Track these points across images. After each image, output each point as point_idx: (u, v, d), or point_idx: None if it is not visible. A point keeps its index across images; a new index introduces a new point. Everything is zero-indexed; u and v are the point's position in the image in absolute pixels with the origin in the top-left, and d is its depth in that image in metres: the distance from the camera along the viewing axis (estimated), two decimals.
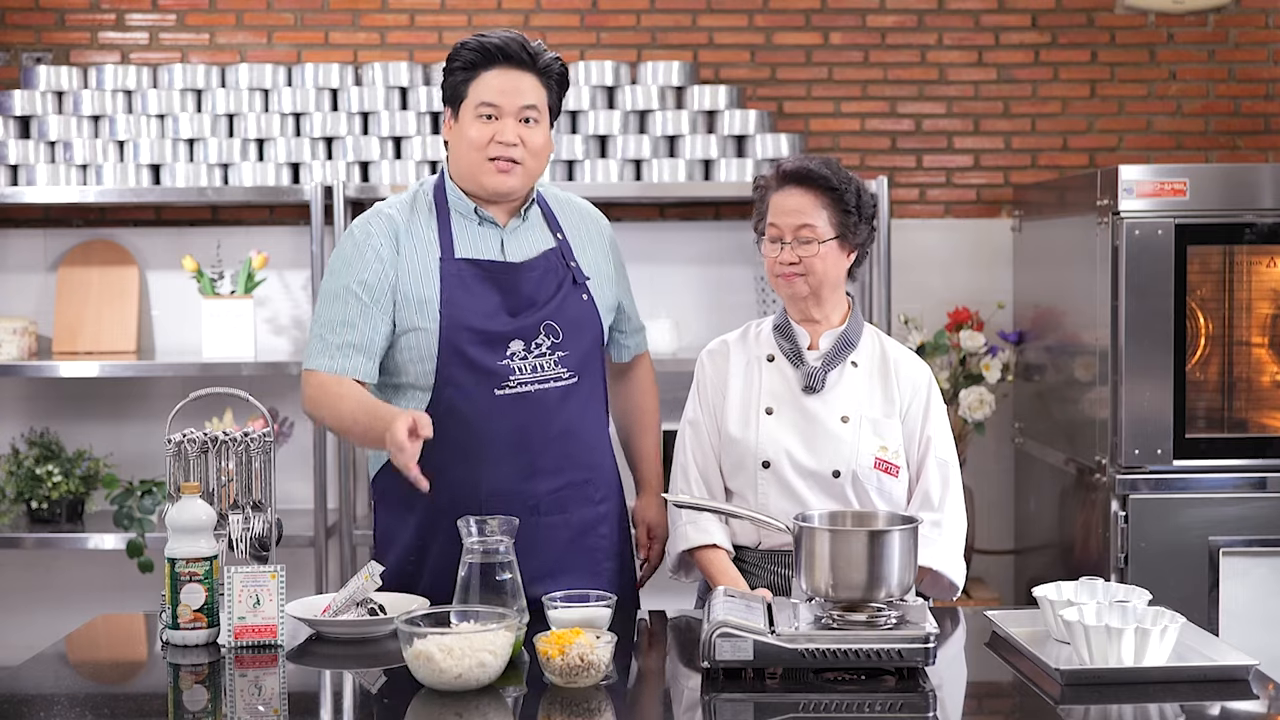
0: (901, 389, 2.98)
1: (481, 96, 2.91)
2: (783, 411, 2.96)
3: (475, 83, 2.92)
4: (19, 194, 4.53)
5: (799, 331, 3.00)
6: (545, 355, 2.94)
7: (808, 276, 2.92)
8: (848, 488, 2.91)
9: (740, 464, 2.97)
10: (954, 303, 4.83)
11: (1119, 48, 4.95)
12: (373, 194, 4.48)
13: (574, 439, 2.98)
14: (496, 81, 2.91)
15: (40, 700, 2.48)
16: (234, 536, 2.87)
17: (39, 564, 4.87)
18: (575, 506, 2.99)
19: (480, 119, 2.91)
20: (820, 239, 2.91)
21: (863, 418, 2.94)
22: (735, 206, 4.85)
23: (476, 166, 2.93)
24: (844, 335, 2.98)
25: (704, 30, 4.91)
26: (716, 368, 3.05)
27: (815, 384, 2.95)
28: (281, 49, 4.88)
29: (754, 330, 3.08)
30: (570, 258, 3.02)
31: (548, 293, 2.97)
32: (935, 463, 2.97)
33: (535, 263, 2.98)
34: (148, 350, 4.84)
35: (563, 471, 2.97)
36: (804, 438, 2.93)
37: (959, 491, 3.00)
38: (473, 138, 2.92)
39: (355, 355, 2.91)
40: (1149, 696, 2.38)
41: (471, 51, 2.92)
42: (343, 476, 4.53)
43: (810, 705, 2.36)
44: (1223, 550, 3.96)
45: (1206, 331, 4.10)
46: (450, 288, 2.91)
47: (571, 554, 2.99)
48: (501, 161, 2.92)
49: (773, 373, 2.99)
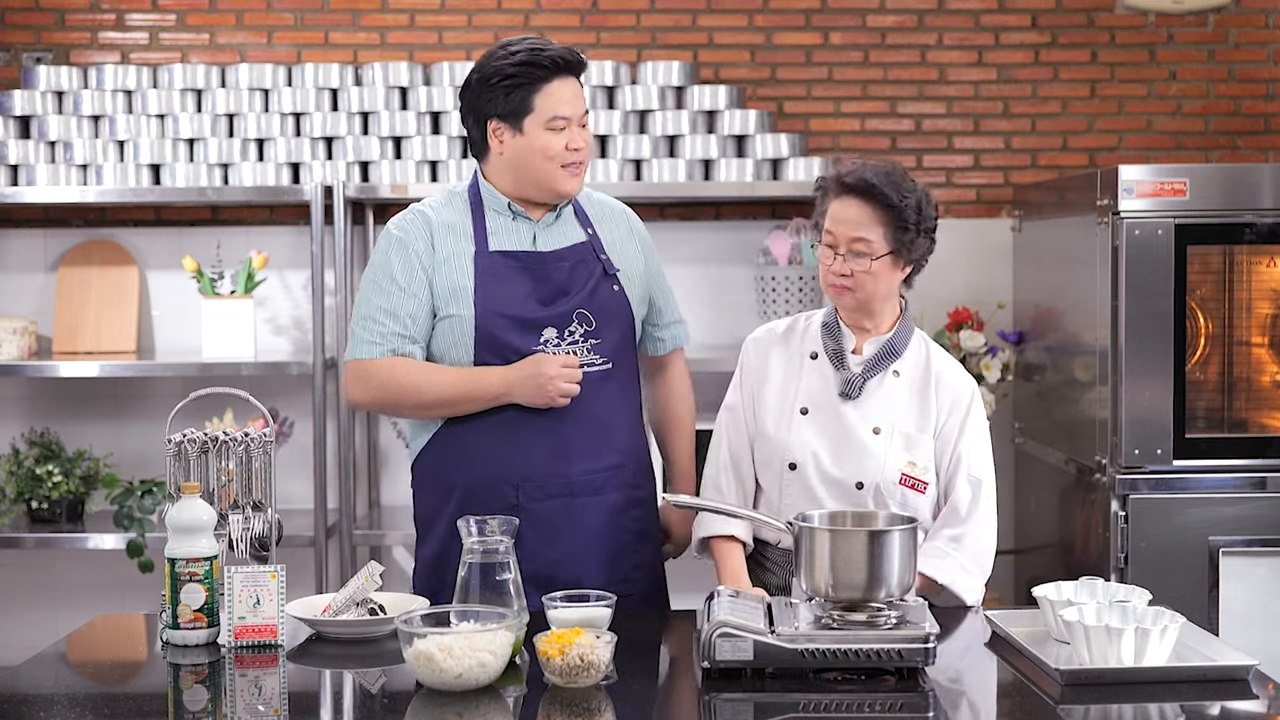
0: (940, 402, 2.94)
1: (554, 110, 2.99)
2: (817, 414, 2.94)
3: (541, 95, 2.99)
4: (19, 194, 4.53)
5: (845, 333, 2.97)
6: (579, 342, 3.02)
7: (855, 292, 2.90)
8: (869, 499, 2.89)
9: (769, 461, 2.97)
10: (954, 303, 4.83)
11: (1119, 48, 4.95)
12: (373, 194, 4.48)
13: (609, 424, 3.05)
14: (562, 92, 3.01)
15: (40, 700, 2.48)
16: (234, 536, 2.88)
17: (39, 564, 4.87)
18: (610, 490, 3.05)
19: (553, 130, 2.99)
20: (874, 254, 2.87)
21: (895, 431, 2.91)
22: (735, 206, 4.86)
23: (551, 174, 3.02)
24: (889, 343, 2.95)
25: (704, 30, 4.91)
26: (760, 355, 3.05)
27: (852, 391, 2.93)
28: (281, 49, 4.88)
29: (803, 323, 3.06)
30: (601, 251, 3.10)
31: (579, 283, 3.04)
32: (966, 480, 2.92)
33: (566, 253, 3.06)
34: (148, 350, 4.84)
35: (599, 455, 3.04)
36: (834, 445, 2.91)
37: (990, 510, 2.95)
38: (551, 148, 3.00)
39: (407, 343, 3.00)
40: (1149, 696, 2.38)
41: (532, 67, 2.98)
42: (343, 476, 4.53)
43: (810, 705, 2.36)
44: (1223, 550, 3.96)
45: (1206, 331, 4.10)
46: (484, 276, 2.99)
47: (604, 536, 3.05)
48: (574, 166, 3.02)
49: (813, 372, 2.97)
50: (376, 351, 3.00)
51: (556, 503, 2.97)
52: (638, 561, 3.10)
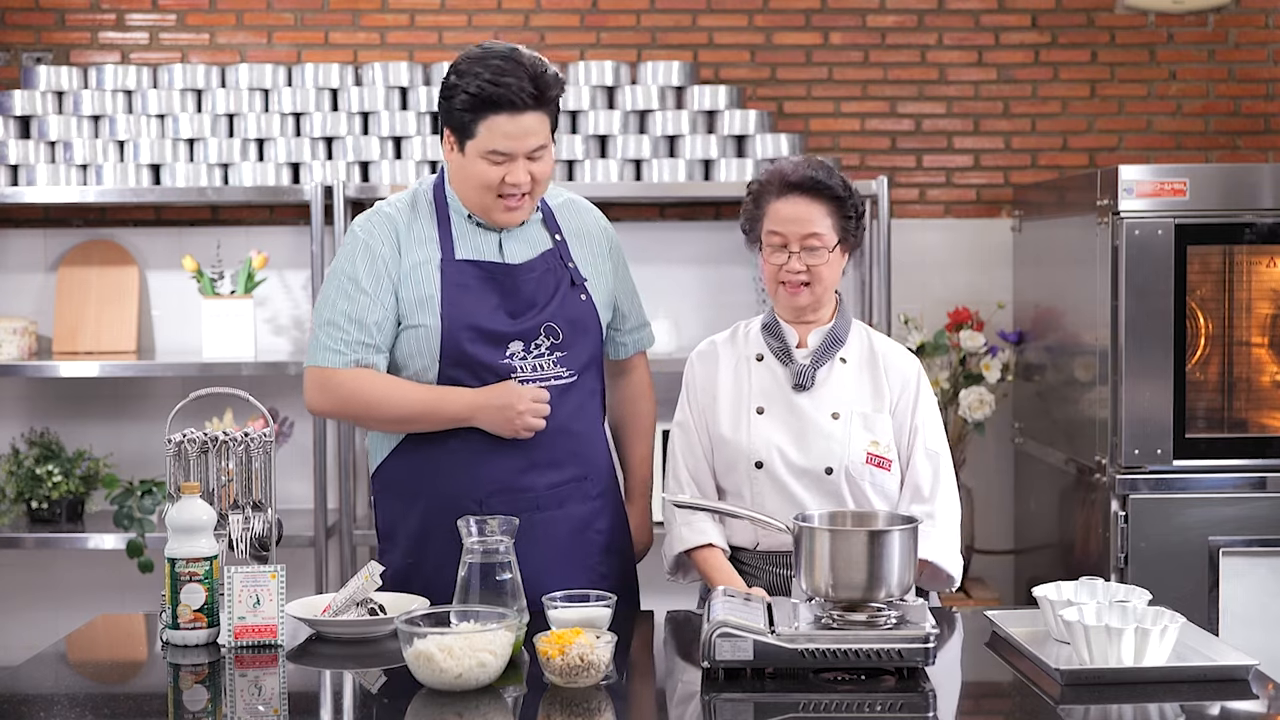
0: (890, 382, 2.99)
1: (491, 145, 2.86)
2: (773, 410, 2.96)
3: (483, 125, 2.85)
4: (19, 194, 4.53)
5: (787, 330, 3.00)
6: (544, 355, 2.96)
7: (814, 285, 2.93)
8: (842, 484, 2.92)
9: (732, 465, 2.98)
10: (954, 303, 4.83)
11: (1119, 48, 4.95)
12: (373, 194, 4.48)
13: (572, 435, 3.00)
14: (506, 128, 2.85)
15: (40, 700, 2.48)
16: (234, 536, 2.87)
17: (39, 564, 4.87)
18: (573, 502, 3.01)
19: (491, 164, 2.88)
20: (828, 246, 2.91)
21: (853, 413, 2.95)
22: (735, 206, 4.84)
23: (485, 204, 2.93)
24: (832, 332, 2.99)
25: (704, 30, 4.91)
26: (706, 369, 3.06)
27: (805, 381, 2.96)
28: (281, 49, 4.88)
29: (743, 330, 3.08)
30: (568, 258, 3.04)
31: (547, 294, 2.98)
32: (924, 453, 2.97)
33: (534, 264, 2.99)
34: (148, 350, 4.84)
35: (562, 467, 2.99)
36: (795, 436, 2.94)
37: (951, 482, 3.00)
38: (485, 178, 2.89)
39: (373, 353, 2.93)
40: (1149, 696, 2.38)
41: (474, 97, 2.85)
42: (343, 476, 4.53)
43: (810, 705, 2.36)
44: (1223, 550, 3.96)
45: (1206, 331, 4.10)
46: (451, 286, 2.93)
47: (568, 549, 3.00)
48: (511, 199, 2.91)
49: (762, 372, 3.00)
50: (340, 360, 2.91)
51: (521, 518, 2.80)
52: (603, 573, 3.03)
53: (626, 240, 3.32)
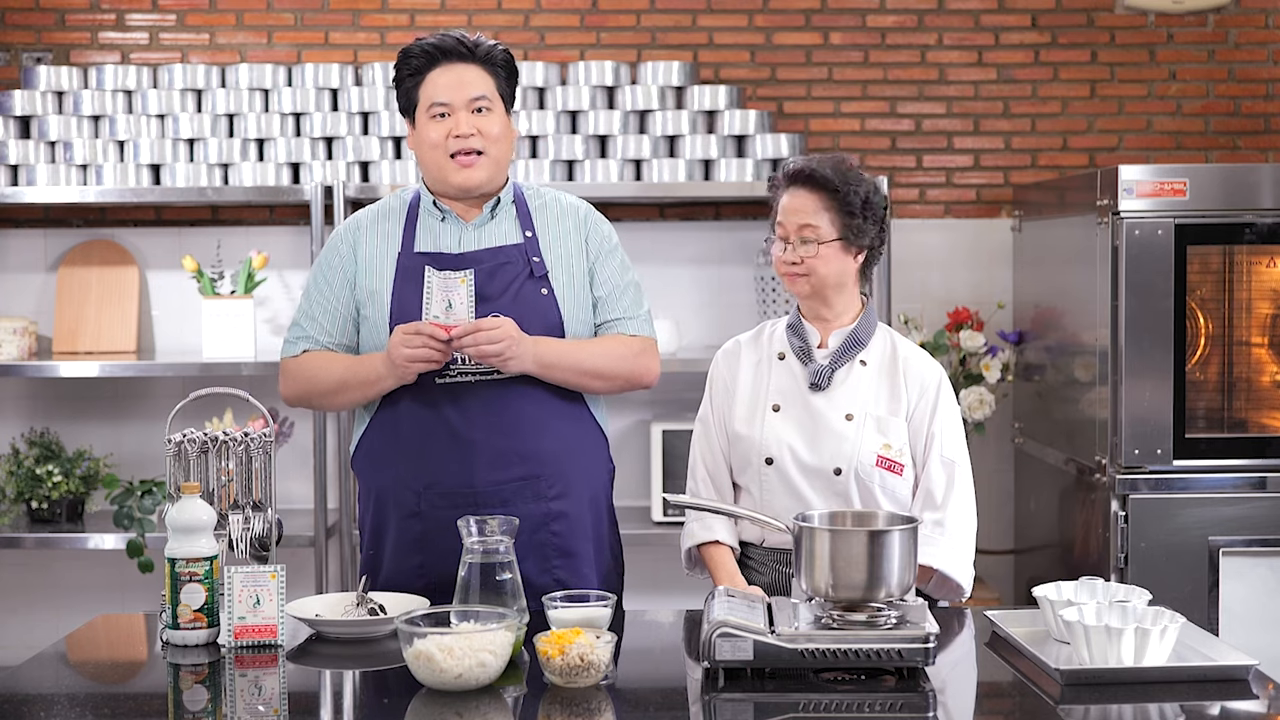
0: (909, 387, 2.98)
1: (431, 97, 2.99)
2: (789, 409, 2.98)
3: (423, 86, 3.02)
4: (19, 194, 4.53)
5: (809, 330, 3.02)
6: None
7: (809, 277, 2.95)
8: (851, 485, 2.92)
9: (746, 460, 2.99)
10: (954, 303, 4.83)
11: (1119, 48, 4.95)
12: (373, 194, 4.48)
13: (518, 433, 2.97)
14: (442, 79, 3.00)
15: (40, 700, 2.48)
16: (234, 536, 2.88)
17: (39, 564, 4.87)
18: (520, 502, 2.97)
19: (435, 119, 3.00)
20: (821, 240, 2.93)
21: (867, 415, 2.95)
22: (735, 206, 4.85)
23: (441, 166, 3.01)
24: (853, 334, 2.99)
25: (704, 30, 4.91)
26: (729, 366, 3.09)
27: (821, 381, 2.97)
28: (281, 49, 4.88)
29: (769, 329, 3.10)
30: (534, 253, 3.03)
31: (499, 286, 2.98)
32: (940, 461, 2.97)
33: (485, 255, 3.00)
34: (148, 350, 4.84)
35: (506, 466, 2.97)
36: (807, 435, 2.95)
37: (966, 492, 2.99)
38: (431, 138, 3.00)
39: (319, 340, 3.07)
40: (1149, 696, 2.38)
41: (413, 58, 3.02)
42: (343, 476, 4.53)
43: (810, 705, 2.36)
44: (1222, 550, 3.96)
45: (1206, 331, 4.10)
46: (402, 281, 3.00)
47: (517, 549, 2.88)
48: (463, 156, 2.99)
49: (782, 370, 3.01)
50: (295, 350, 3.08)
51: (458, 514, 2.78)
52: (559, 578, 2.99)
53: (626, 240, 3.31)
